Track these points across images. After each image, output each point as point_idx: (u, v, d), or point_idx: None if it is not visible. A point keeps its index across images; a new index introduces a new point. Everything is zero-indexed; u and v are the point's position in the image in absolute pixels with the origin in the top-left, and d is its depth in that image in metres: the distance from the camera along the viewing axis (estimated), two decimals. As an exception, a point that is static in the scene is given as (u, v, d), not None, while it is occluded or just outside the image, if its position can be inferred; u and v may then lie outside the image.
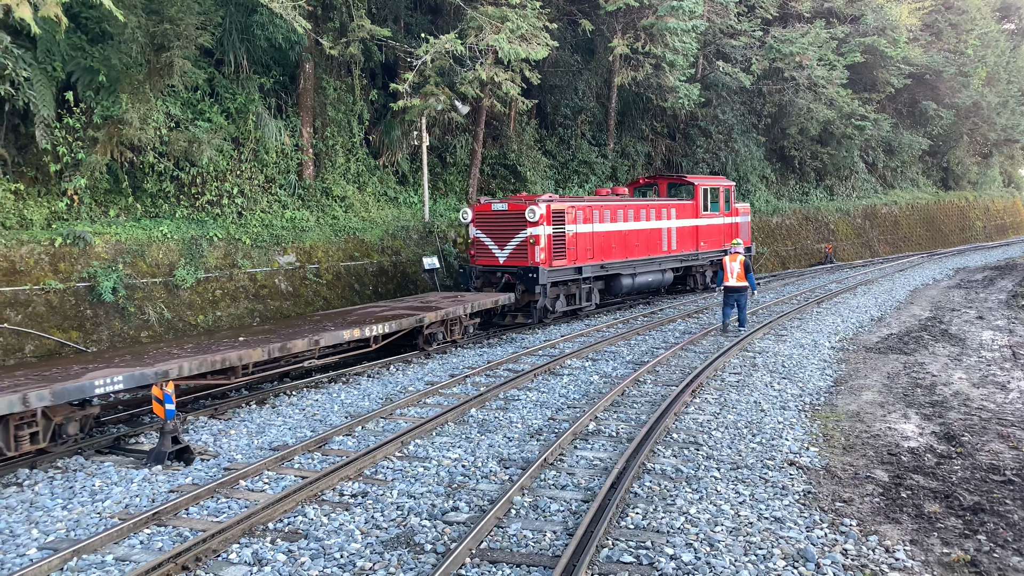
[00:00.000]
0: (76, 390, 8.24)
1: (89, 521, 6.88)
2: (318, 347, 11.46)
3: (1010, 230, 57.43)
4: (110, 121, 13.74)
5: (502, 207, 17.08)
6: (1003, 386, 11.63)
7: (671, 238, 21.09)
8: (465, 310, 14.69)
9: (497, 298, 15.79)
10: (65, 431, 8.55)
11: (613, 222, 18.81)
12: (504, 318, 17.23)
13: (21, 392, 7.80)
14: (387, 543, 6.30)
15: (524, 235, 16.55)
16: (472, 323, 15.26)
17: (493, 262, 17.11)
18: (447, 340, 14.61)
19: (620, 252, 19.00)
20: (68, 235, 13.13)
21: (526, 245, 16.55)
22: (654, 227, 20.41)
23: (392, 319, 12.89)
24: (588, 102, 27.44)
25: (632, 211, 19.56)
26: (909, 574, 5.78)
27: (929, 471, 7.91)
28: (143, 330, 13.51)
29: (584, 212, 17.82)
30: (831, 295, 22.11)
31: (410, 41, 19.82)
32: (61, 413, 8.47)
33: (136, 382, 8.82)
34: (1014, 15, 58.93)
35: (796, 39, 32.07)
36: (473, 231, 17.55)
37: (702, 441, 8.85)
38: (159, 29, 13.20)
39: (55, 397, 8.00)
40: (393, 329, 12.80)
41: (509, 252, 16.86)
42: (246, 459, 8.53)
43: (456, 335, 14.77)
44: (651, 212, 20.34)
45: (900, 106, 42.72)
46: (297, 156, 18.01)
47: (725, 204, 23.37)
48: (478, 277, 17.19)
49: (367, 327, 12.22)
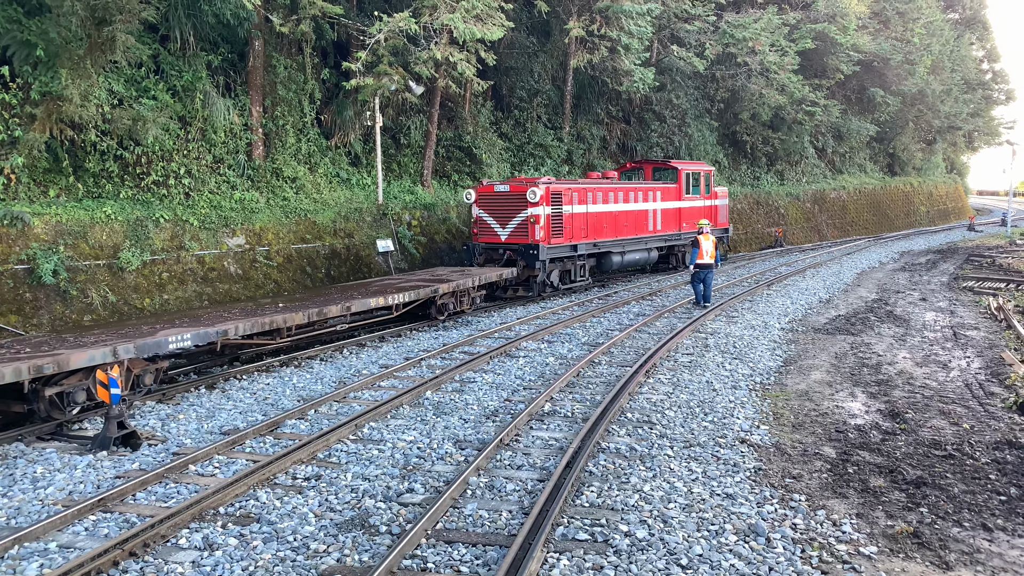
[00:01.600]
0: (154, 344, 9.44)
1: (31, 508, 6.67)
2: (349, 312, 12.64)
3: (952, 215, 59.14)
4: (49, 97, 13.23)
5: (504, 188, 18.29)
6: (945, 365, 11.98)
7: (656, 219, 22.52)
8: (473, 283, 15.97)
9: (501, 272, 17.13)
10: (142, 381, 9.77)
11: (605, 203, 20.14)
12: (506, 291, 18.52)
13: (112, 346, 9.00)
14: (341, 525, 6.24)
15: (525, 215, 17.82)
16: (479, 295, 16.64)
17: (495, 239, 18.33)
18: (457, 310, 15.88)
19: (611, 232, 20.34)
20: (5, 215, 12.64)
21: (527, 224, 17.81)
22: (641, 208, 21.79)
23: (410, 289, 14.15)
24: (544, 85, 27.36)
25: (622, 194, 20.87)
26: (856, 546, 5.92)
27: (874, 447, 8.12)
28: (86, 313, 13.11)
29: (579, 194, 19.12)
30: (781, 278, 22.52)
31: (363, 19, 19.48)
32: (139, 366, 9.64)
33: (201, 339, 10.06)
34: (958, 5, 60.43)
35: (749, 24, 32.41)
36: (476, 211, 18.63)
37: (656, 420, 8.94)
38: (100, 2, 12.73)
39: (138, 351, 9.22)
40: (412, 298, 14.08)
41: (511, 230, 18.13)
42: (195, 443, 8.35)
43: (465, 306, 16.10)
44: (639, 195, 21.67)
45: (849, 92, 43.55)
46: (246, 136, 17.59)
47: (705, 187, 24.88)
48: (481, 254, 18.38)
49: (389, 296, 13.46)
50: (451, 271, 17.26)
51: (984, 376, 11.24)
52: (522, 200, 17.81)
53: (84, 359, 8.65)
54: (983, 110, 60.80)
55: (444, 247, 21.08)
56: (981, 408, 9.62)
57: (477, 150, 23.92)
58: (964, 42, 56.99)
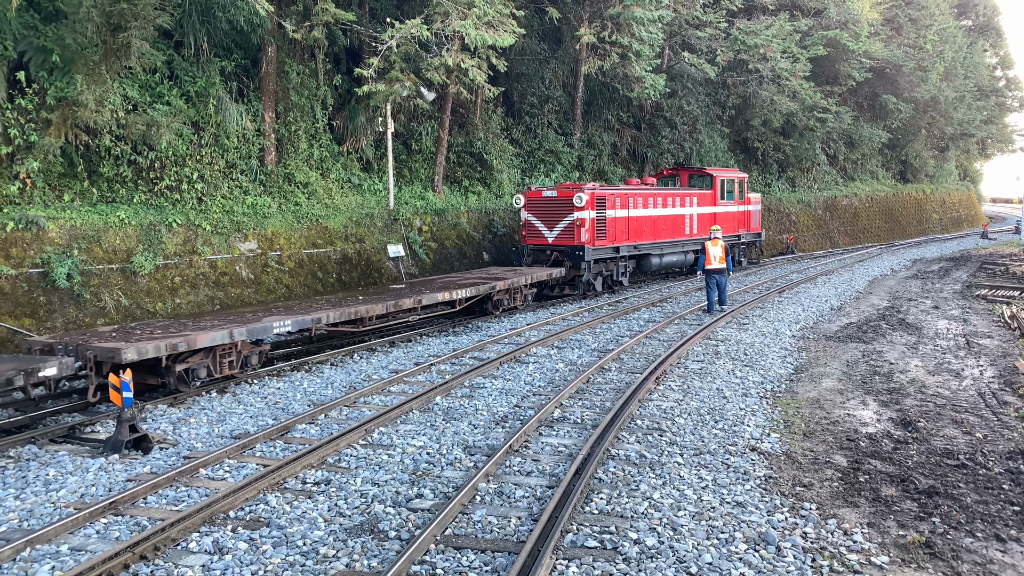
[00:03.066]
0: (262, 329, 10.98)
1: (43, 511, 6.71)
2: (420, 305, 14.05)
3: (965, 222, 58.81)
4: (64, 103, 13.36)
5: (552, 194, 19.55)
6: (957, 373, 11.90)
7: (693, 223, 23.64)
8: (525, 281, 17.36)
9: (550, 272, 18.41)
10: (250, 362, 11.23)
11: (645, 208, 21.33)
12: (553, 290, 19.73)
13: (228, 329, 10.55)
14: (351, 530, 6.25)
15: (571, 218, 19.03)
16: (530, 292, 17.95)
17: (542, 241, 19.58)
18: (510, 306, 17.20)
19: (650, 235, 21.57)
20: (20, 219, 12.77)
21: (573, 227, 19.02)
22: (679, 213, 22.98)
23: (471, 286, 15.51)
24: (555, 91, 27.41)
25: (660, 199, 22.10)
26: (867, 556, 5.89)
27: (886, 456, 8.07)
28: (99, 317, 13.21)
29: (621, 199, 20.28)
30: (792, 285, 22.44)
31: (375, 26, 19.57)
32: (247, 348, 11.06)
33: (299, 325, 11.62)
34: (971, 12, 60.22)
35: (760, 31, 32.35)
36: (524, 215, 19.93)
37: (665, 427, 8.91)
38: (116, 8, 12.84)
39: (249, 334, 10.78)
40: (472, 294, 15.47)
41: (557, 233, 19.33)
42: (206, 447, 8.39)
43: (517, 302, 17.42)
44: (676, 200, 22.85)
45: (861, 99, 43.41)
46: (259, 141, 17.70)
47: (740, 194, 26.08)
48: (529, 255, 19.63)
49: (454, 291, 14.87)
50: (504, 270, 18.50)
51: (997, 385, 11.15)
52: (568, 204, 18.98)
53: (207, 340, 10.17)
54: (996, 117, 60.52)
55: (455, 252, 21.12)
56: (994, 417, 9.54)
57: (488, 156, 23.97)
58: (977, 49, 56.72)
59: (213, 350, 10.44)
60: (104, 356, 9.33)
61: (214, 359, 10.51)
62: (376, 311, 13.05)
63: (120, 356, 9.20)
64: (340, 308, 12.54)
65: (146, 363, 9.71)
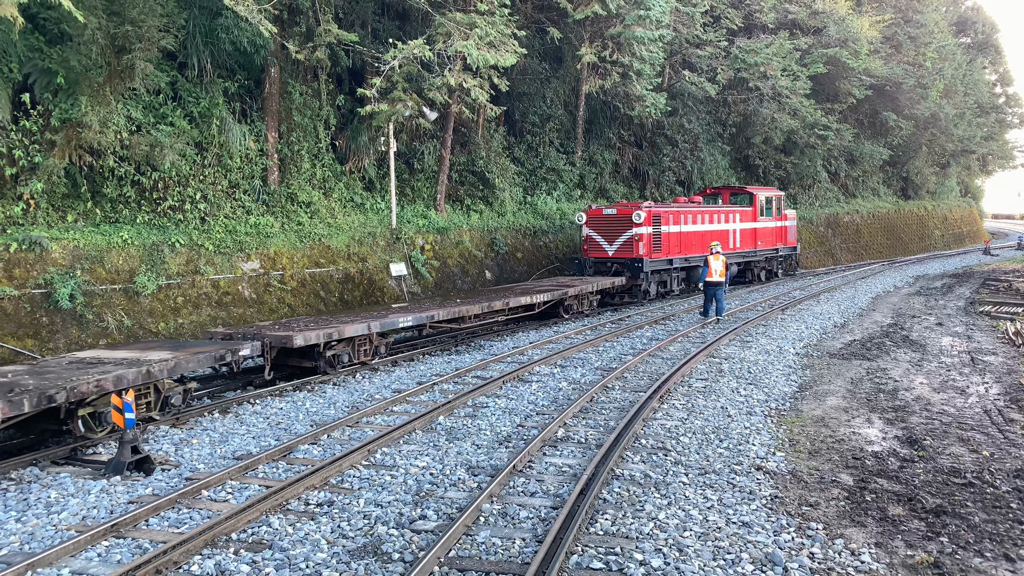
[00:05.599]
0: (391, 323, 13.27)
1: (44, 534, 6.67)
2: (507, 307, 16.22)
3: (967, 239, 58.81)
4: (69, 124, 13.44)
5: (612, 212, 21.54)
6: (962, 391, 11.84)
7: (736, 238, 25.68)
8: (592, 288, 19.43)
9: (613, 281, 20.53)
10: (379, 352, 13.62)
11: (694, 224, 23.32)
12: (614, 298, 21.68)
13: (366, 323, 12.83)
14: (354, 552, 6.20)
15: (630, 233, 21.03)
16: (595, 298, 20.02)
17: (603, 255, 21.57)
18: (579, 311, 19.29)
19: (699, 249, 23.20)
20: (24, 240, 12.80)
21: (632, 241, 21.05)
22: (723, 228, 24.81)
23: (546, 292, 17.67)
24: (556, 110, 27.54)
25: (707, 215, 24.07)
26: (875, 577, 5.82)
27: (892, 475, 8.01)
28: (101, 337, 13.20)
29: (674, 216, 22.28)
30: (795, 302, 22.40)
31: (378, 46, 19.71)
32: (377, 340, 13.36)
33: (417, 321, 13.90)
34: (970, 29, 60.59)
35: (760, 49, 32.54)
36: (586, 231, 21.96)
37: (670, 447, 8.86)
38: (120, 31, 12.96)
39: (381, 327, 13.08)
40: (548, 299, 17.63)
41: (617, 247, 21.35)
42: (208, 469, 8.35)
43: (585, 307, 19.53)
44: (720, 216, 24.76)
45: (861, 116, 43.56)
46: (262, 161, 17.77)
47: (777, 210, 28.14)
48: (591, 267, 21.58)
49: (534, 295, 17.14)
50: (572, 279, 20.44)
51: (1003, 402, 11.09)
52: (628, 221, 20.99)
53: (352, 331, 12.46)
54: (997, 133, 60.70)
55: (457, 271, 21.14)
56: (1000, 435, 9.48)
57: (490, 175, 24.04)
58: (977, 66, 57.01)
59: (353, 340, 12.75)
60: (278, 342, 11.45)
61: (354, 347, 12.85)
62: (474, 311, 15.21)
63: (292, 342, 11.35)
64: (446, 308, 14.71)
65: (300, 350, 11.82)
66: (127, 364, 9.40)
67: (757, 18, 35.52)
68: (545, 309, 17.88)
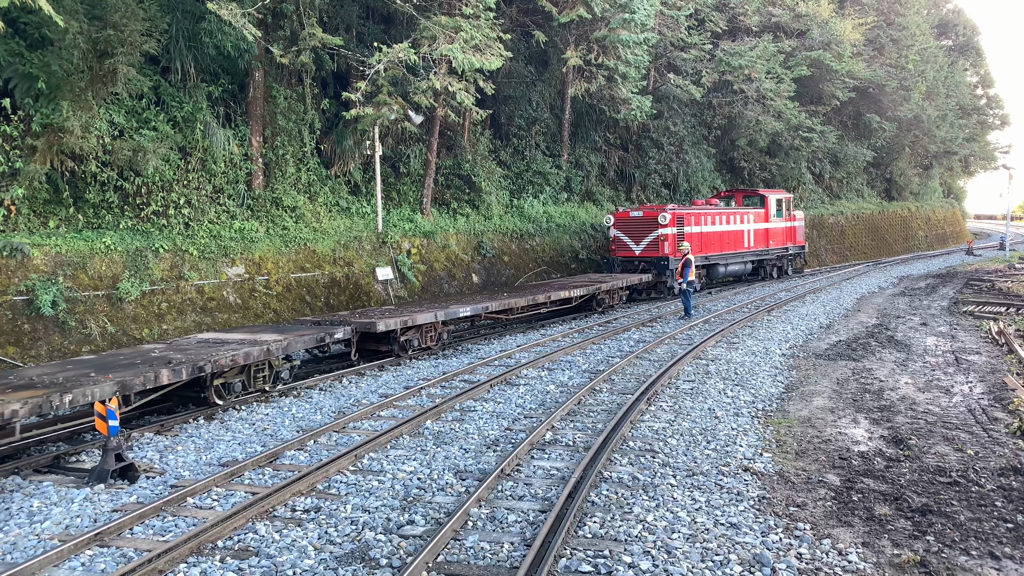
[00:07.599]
0: (453, 312, 14.84)
1: (27, 543, 6.58)
2: (549, 300, 17.92)
3: (950, 239, 59.29)
4: (50, 129, 13.32)
5: (638, 214, 23.47)
6: (947, 390, 11.93)
7: (750, 237, 27.33)
8: (622, 284, 21.32)
9: (641, 277, 22.40)
10: (441, 338, 15.01)
11: (712, 225, 24.91)
12: (641, 293, 23.68)
13: (433, 312, 14.40)
14: (341, 558, 6.16)
15: (656, 234, 22.88)
16: (624, 293, 21.80)
17: (630, 254, 23.44)
18: (610, 304, 20.87)
19: (716, 248, 25.11)
20: (4, 247, 12.66)
21: (658, 241, 22.86)
22: (739, 229, 26.54)
23: (581, 287, 19.31)
24: (542, 113, 27.57)
25: (724, 217, 25.68)
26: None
27: (879, 474, 8.05)
28: (84, 344, 13.07)
29: (695, 218, 24.00)
30: (781, 303, 22.50)
31: (362, 50, 19.67)
32: (442, 328, 14.95)
33: (474, 311, 15.49)
34: (951, 32, 61.20)
35: (745, 52, 32.72)
36: (614, 232, 23.80)
37: (658, 449, 8.87)
38: (102, 35, 12.86)
39: (446, 315, 14.66)
40: (583, 293, 19.33)
41: (643, 247, 23.19)
42: (194, 476, 8.27)
43: (615, 301, 21.17)
44: (736, 218, 26.37)
45: (845, 118, 43.87)
46: (246, 166, 17.67)
47: (787, 211, 29.63)
48: (619, 265, 23.40)
49: (571, 290, 18.79)
50: (602, 277, 21.94)
51: (987, 401, 11.18)
52: (653, 223, 22.80)
53: (423, 319, 14.05)
54: (979, 135, 61.29)
55: (444, 274, 21.09)
56: (985, 434, 9.55)
57: (476, 178, 24.03)
58: (958, 68, 57.57)
59: (422, 327, 14.27)
60: (362, 328, 12.99)
61: (422, 334, 14.33)
62: (521, 303, 16.83)
63: (375, 327, 12.93)
64: (498, 300, 16.47)
65: (380, 335, 13.38)
66: (249, 344, 10.95)
67: (741, 21, 35.72)
68: (579, 304, 19.62)
